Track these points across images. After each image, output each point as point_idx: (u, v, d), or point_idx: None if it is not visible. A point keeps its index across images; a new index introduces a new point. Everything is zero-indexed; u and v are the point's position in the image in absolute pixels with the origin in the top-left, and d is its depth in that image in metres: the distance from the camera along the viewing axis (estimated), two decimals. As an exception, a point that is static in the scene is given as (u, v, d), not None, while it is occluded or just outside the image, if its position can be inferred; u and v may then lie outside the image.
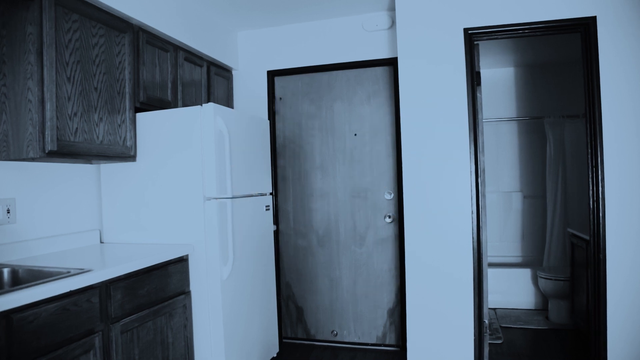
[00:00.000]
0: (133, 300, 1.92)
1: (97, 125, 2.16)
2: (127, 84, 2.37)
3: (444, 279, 2.68)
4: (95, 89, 2.16)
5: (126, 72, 2.36)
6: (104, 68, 2.21)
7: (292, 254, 3.46)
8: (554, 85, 4.51)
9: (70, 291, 1.59)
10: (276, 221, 3.47)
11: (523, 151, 4.67)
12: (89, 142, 2.11)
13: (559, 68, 4.48)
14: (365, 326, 3.30)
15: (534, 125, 4.60)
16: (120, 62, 2.32)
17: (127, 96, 2.37)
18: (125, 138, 2.36)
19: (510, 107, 4.66)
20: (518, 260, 4.65)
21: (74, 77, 2.02)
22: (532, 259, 4.60)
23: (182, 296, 2.27)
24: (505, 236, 4.70)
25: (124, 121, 2.35)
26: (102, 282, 1.76)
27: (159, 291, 2.09)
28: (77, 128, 2.04)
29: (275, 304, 3.00)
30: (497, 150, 4.69)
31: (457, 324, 2.66)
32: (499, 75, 4.64)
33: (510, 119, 4.56)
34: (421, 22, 2.74)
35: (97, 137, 2.16)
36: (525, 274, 4.12)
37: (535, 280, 4.07)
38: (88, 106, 2.11)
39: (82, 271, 1.70)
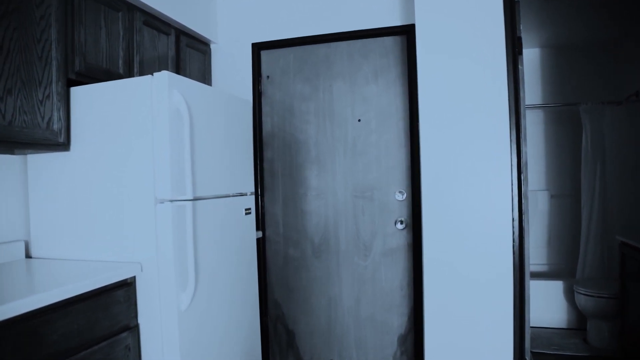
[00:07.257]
0: (38, 351, 1.32)
1: (1, 99, 1.55)
2: (54, 47, 1.76)
3: (473, 301, 2.09)
4: (0, 48, 1.55)
5: (53, 30, 1.75)
6: (16, 21, 1.60)
7: (282, 267, 2.86)
8: (588, 68, 3.89)
9: None
10: (262, 226, 2.87)
11: (550, 143, 4.05)
12: (-13, 122, 1.50)
13: (596, 48, 3.86)
14: (370, 355, 2.70)
15: (563, 113, 3.98)
16: (42, 17, 1.71)
17: (55, 63, 1.76)
18: (50, 119, 1.75)
19: (535, 93, 4.04)
20: (543, 269, 4.05)
21: (-41, 29, 1.42)
22: (560, 268, 4.00)
23: (125, 334, 1.67)
24: (528, 241, 4.08)
25: (48, 96, 1.74)
26: (-22, 332, 1.16)
27: (85, 332, 1.49)
28: (-35, 102, 1.43)
29: (258, 328, 2.40)
30: (521, 142, 4.08)
31: (488, 357, 2.07)
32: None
33: (536, 106, 3.93)
34: (445, -26, 2.13)
35: (3, 117, 1.56)
36: (557, 287, 3.52)
37: (568, 294, 3.48)
38: (-14, 72, 1.50)
39: (-59, 317, 1.10)
